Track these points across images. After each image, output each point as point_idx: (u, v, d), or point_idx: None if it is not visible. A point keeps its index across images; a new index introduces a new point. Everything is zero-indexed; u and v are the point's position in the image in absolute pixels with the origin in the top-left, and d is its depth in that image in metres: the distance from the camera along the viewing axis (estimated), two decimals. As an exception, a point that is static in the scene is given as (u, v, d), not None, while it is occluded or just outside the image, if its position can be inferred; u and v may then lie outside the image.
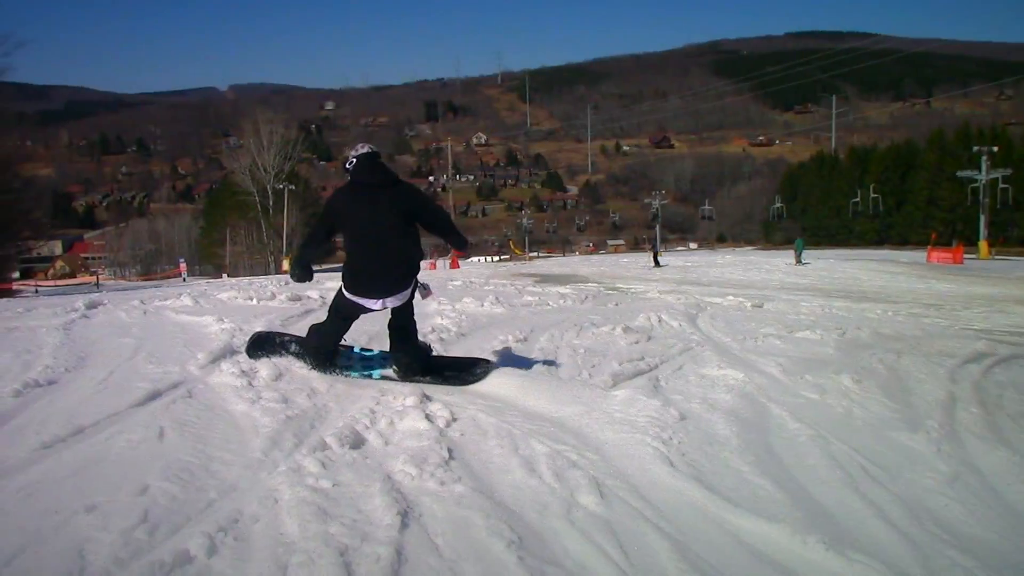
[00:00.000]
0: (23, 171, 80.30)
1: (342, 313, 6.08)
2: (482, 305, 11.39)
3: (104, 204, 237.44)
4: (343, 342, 6.52)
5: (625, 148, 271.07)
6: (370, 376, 6.25)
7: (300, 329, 8.22)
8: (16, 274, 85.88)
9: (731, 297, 15.14)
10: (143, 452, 4.10)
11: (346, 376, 6.13)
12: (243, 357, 6.28)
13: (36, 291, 57.65)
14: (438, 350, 7.27)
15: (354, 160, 5.80)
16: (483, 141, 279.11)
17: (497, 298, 12.10)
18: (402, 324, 6.13)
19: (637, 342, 8.30)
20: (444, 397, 5.47)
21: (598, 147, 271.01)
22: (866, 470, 4.42)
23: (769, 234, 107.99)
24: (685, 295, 15.50)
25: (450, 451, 4.27)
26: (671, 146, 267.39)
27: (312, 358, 6.15)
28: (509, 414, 5.12)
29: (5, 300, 18.61)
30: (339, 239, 5.95)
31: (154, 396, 5.21)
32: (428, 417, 4.80)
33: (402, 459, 4.05)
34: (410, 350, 6.20)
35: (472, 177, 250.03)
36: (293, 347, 6.41)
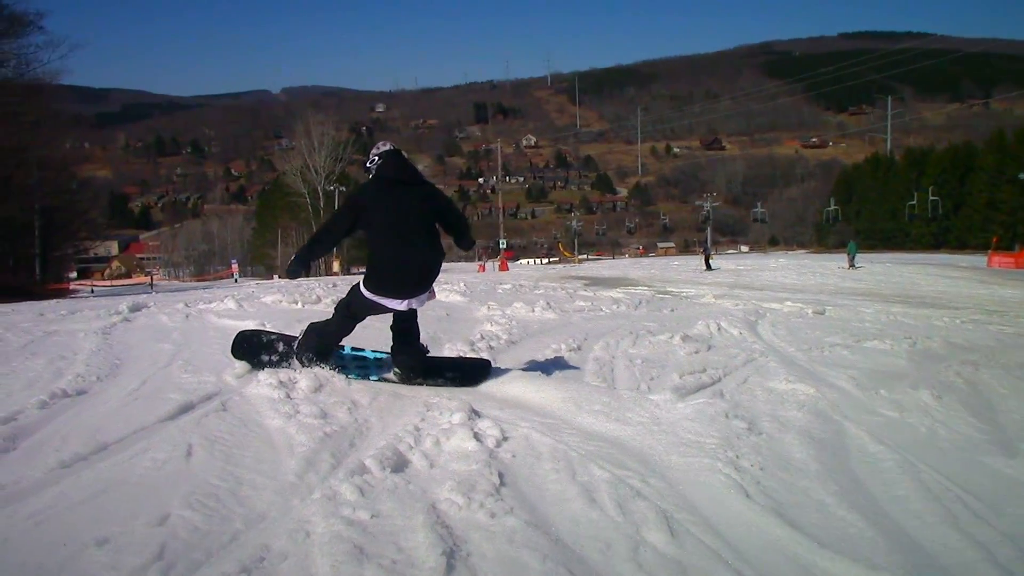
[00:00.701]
0: (80, 172, 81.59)
1: (354, 313, 5.91)
2: (533, 310, 11.01)
3: (159, 205, 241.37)
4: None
5: (675, 150, 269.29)
6: (368, 378, 6.06)
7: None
8: (74, 274, 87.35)
9: (789, 303, 14.58)
10: (168, 473, 3.77)
11: (345, 375, 5.87)
12: (279, 368, 5.97)
13: (92, 291, 58.34)
14: (487, 358, 6.91)
15: (377, 158, 5.73)
16: (532, 143, 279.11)
17: (548, 303, 11.70)
18: (408, 326, 6.06)
19: (697, 352, 7.85)
20: (494, 412, 5.09)
21: (648, 149, 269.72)
22: (965, 503, 3.93)
23: (822, 237, 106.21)
24: (743, 301, 14.96)
25: (501, 476, 3.88)
26: (722, 148, 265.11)
27: (309, 359, 5.92)
28: (564, 432, 4.72)
29: (53, 302, 18.63)
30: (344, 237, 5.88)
31: (186, 409, 4.90)
32: (477, 436, 4.42)
33: (448, 486, 3.67)
34: (414, 352, 6.11)
35: (521, 179, 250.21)
36: (281, 346, 6.21)
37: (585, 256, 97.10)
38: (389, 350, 6.23)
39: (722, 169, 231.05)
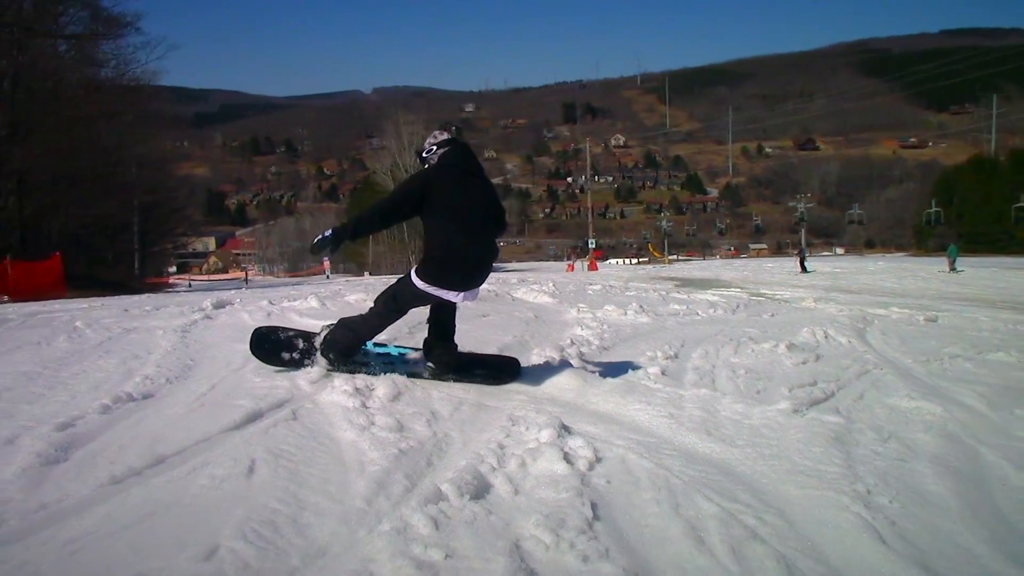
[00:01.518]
0: (179, 170, 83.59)
1: (400, 305, 5.70)
2: (625, 313, 10.50)
3: (254, 202, 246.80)
4: None
5: (767, 150, 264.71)
6: (395, 374, 5.68)
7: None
8: (173, 269, 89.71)
9: (895, 308, 13.75)
10: (225, 494, 3.40)
11: (368, 373, 5.59)
12: (354, 374, 5.61)
13: (189, 285, 59.69)
14: (576, 364, 6.44)
15: (436, 147, 5.57)
16: (621, 143, 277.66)
17: (641, 306, 11.17)
18: (449, 319, 5.98)
19: (805, 362, 7.23)
20: (586, 428, 4.63)
21: (739, 149, 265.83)
22: None
23: (922, 240, 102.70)
24: (845, 305, 14.17)
25: (594, 507, 3.40)
26: (816, 148, 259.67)
27: (338, 355, 5.67)
28: (664, 454, 4.23)
29: (144, 296, 18.75)
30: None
31: (254, 418, 4.54)
32: (567, 457, 3.95)
33: (534, 519, 3.21)
34: (451, 347, 5.96)
35: (610, 179, 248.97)
36: (301, 343, 5.92)
37: (675, 256, 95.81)
38: (422, 344, 6.05)
39: (816, 170, 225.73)
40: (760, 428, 4.81)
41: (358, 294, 12.26)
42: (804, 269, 38.13)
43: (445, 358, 5.87)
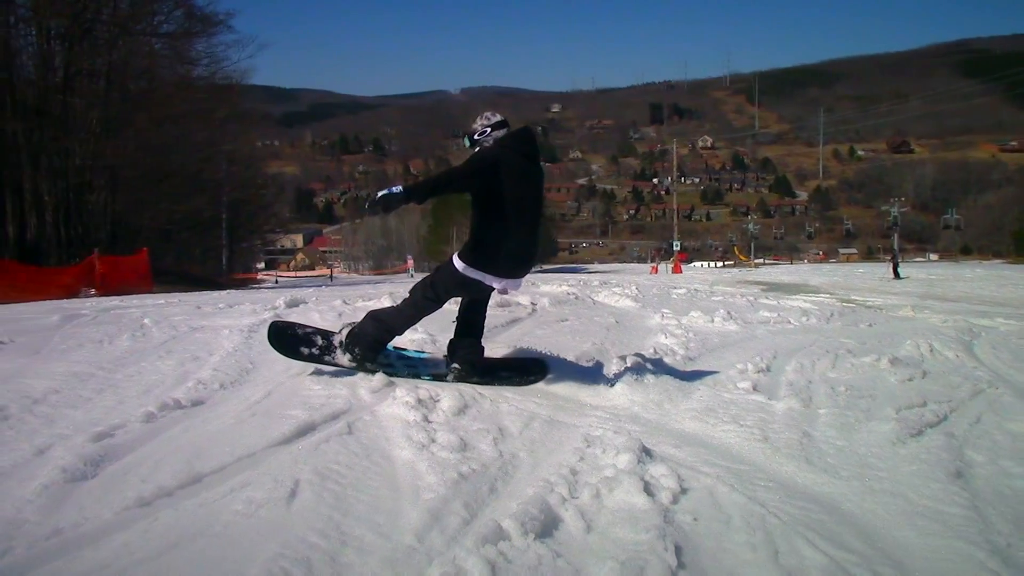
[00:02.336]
0: (269, 168, 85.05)
1: (438, 293, 5.41)
2: (712, 320, 9.93)
3: (342, 201, 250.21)
4: None
5: (860, 152, 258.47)
6: (418, 377, 5.55)
7: (500, 343, 7.13)
8: (262, 265, 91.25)
9: (1001, 319, 12.86)
10: (260, 522, 3.02)
11: (390, 375, 5.33)
12: (421, 382, 5.23)
13: (276, 281, 60.52)
14: (661, 377, 5.96)
15: (490, 128, 5.34)
16: (708, 144, 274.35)
17: (729, 312, 10.57)
18: (477, 316, 5.81)
19: (911, 379, 6.59)
20: (669, 452, 4.17)
21: (830, 151, 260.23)
22: None
23: (1022, 246, 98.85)
24: (946, 315, 13.32)
25: (678, 552, 2.92)
26: (911, 151, 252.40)
27: (365, 351, 5.39)
28: (759, 486, 3.73)
29: (221, 292, 18.74)
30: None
31: (305, 431, 4.17)
32: (648, 487, 3.49)
33: (609, 566, 2.76)
34: (478, 347, 5.73)
35: (697, 180, 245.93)
36: (319, 340, 5.60)
37: (761, 260, 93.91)
38: (447, 346, 5.81)
39: (910, 173, 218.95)
40: (867, 456, 4.28)
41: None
42: (897, 275, 36.74)
43: (472, 357, 5.63)
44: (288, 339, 5.63)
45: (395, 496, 3.38)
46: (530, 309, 10.59)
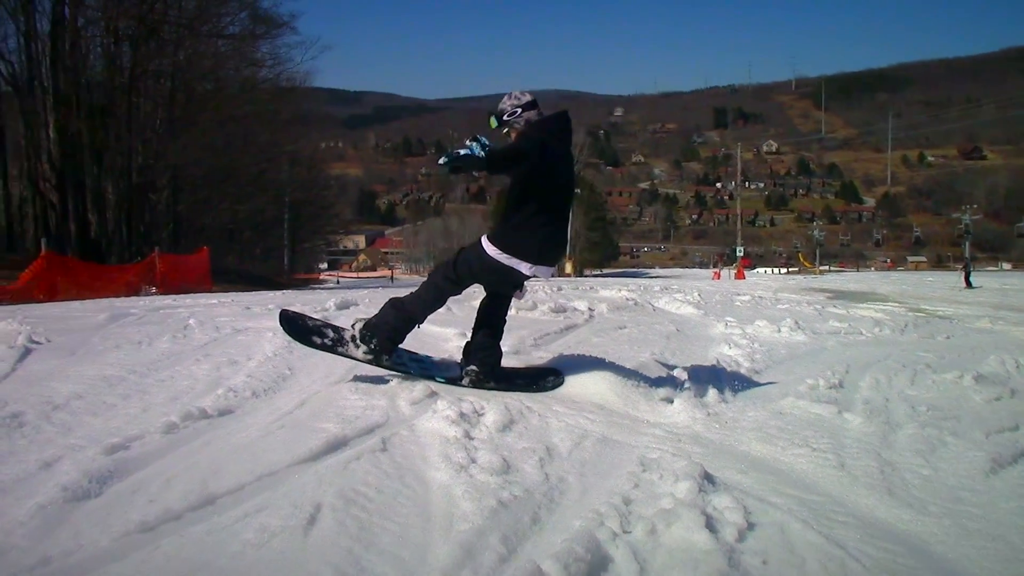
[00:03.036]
0: (332, 170, 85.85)
1: (460, 275, 5.12)
2: (779, 330, 9.42)
3: (404, 203, 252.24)
4: None
5: (930, 159, 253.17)
6: (432, 379, 5.29)
7: (553, 351, 6.76)
8: (324, 265, 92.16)
9: (1087, 333, 12.12)
10: (271, 554, 2.68)
11: (404, 374, 5.23)
12: (465, 393, 4.88)
13: (338, 282, 60.96)
14: (725, 392, 5.54)
15: (522, 109, 5.07)
16: (773, 149, 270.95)
17: (796, 322, 10.04)
18: (499, 314, 5.59)
19: (998, 398, 6.05)
20: (734, 478, 3.75)
21: (899, 157, 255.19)
22: None
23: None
24: (1027, 328, 12.61)
25: (747, 603, 2.53)
26: (983, 157, 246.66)
27: (383, 342, 5.09)
28: (836, 522, 3.30)
29: (276, 292, 18.64)
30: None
31: (336, 446, 3.83)
32: (710, 522, 3.07)
33: (665, 622, 2.38)
34: (497, 351, 5.48)
35: (761, 185, 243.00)
36: (330, 332, 5.33)
37: (827, 267, 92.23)
38: (463, 348, 5.63)
39: (982, 180, 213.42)
40: (957, 489, 3.82)
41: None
42: (969, 284, 35.60)
43: (491, 361, 5.36)
44: (299, 327, 5.36)
45: (426, 526, 3.02)
46: (587, 315, 10.21)
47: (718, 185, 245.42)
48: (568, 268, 65.25)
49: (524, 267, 4.94)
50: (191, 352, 6.43)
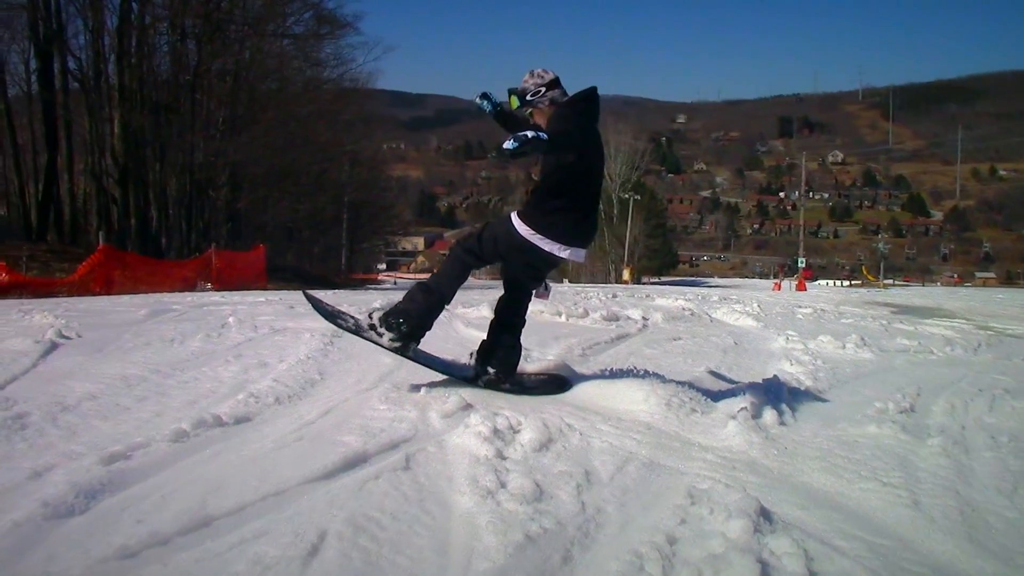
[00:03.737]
0: (392, 171, 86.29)
1: (484, 250, 4.88)
2: (843, 347, 8.90)
3: (464, 205, 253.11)
4: None
5: (1001, 172, 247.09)
6: (451, 375, 5.16)
7: (601, 362, 6.39)
8: (383, 266, 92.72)
9: None
10: (261, 592, 2.36)
11: (425, 366, 5.06)
12: (501, 405, 4.53)
13: (395, 283, 61.10)
14: (785, 415, 5.11)
15: (548, 89, 4.81)
16: (839, 159, 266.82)
17: (862, 338, 9.50)
18: (519, 319, 5.34)
19: (1088, 430, 5.55)
20: (794, 514, 3.34)
21: (969, 170, 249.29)
22: None
23: None
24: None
25: None
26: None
27: (413, 328, 4.84)
28: (910, 572, 2.89)
29: (324, 292, 18.46)
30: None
31: (355, 463, 3.51)
32: (766, 570, 2.69)
33: None
34: (518, 350, 5.27)
35: (825, 196, 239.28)
36: (350, 319, 5.13)
37: (891, 281, 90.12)
38: (478, 348, 5.31)
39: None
40: (1050, 537, 3.37)
41: (535, 304, 11.15)
42: (1043, 302, 34.40)
43: (512, 360, 5.19)
44: (325, 310, 5.22)
45: (441, 562, 2.67)
46: (641, 325, 9.81)
47: (781, 195, 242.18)
48: (626, 275, 64.60)
49: (557, 248, 4.73)
50: (223, 352, 6.18)
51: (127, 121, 31.64)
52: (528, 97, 4.83)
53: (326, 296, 14.30)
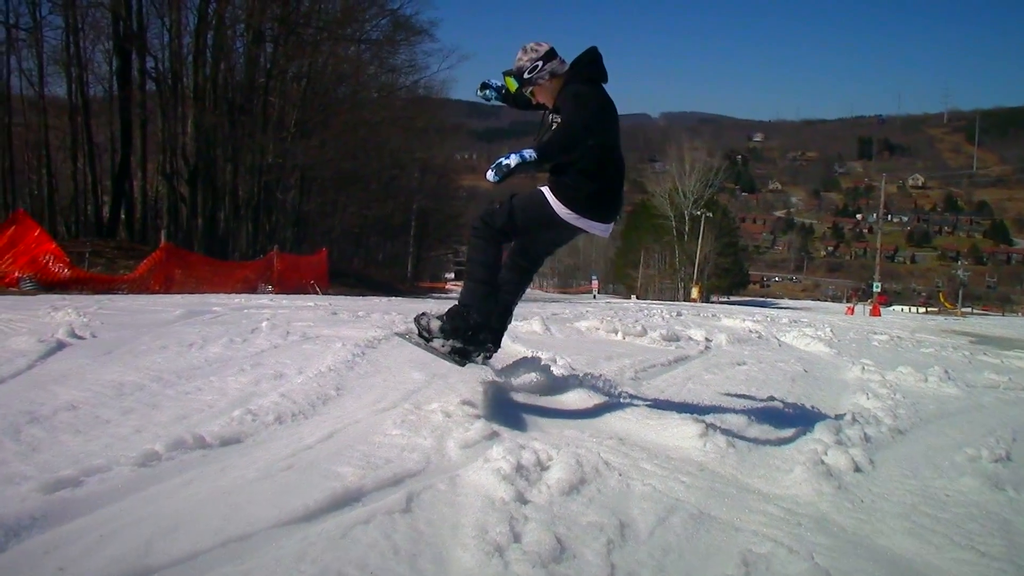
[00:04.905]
0: (464, 181, 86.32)
1: (516, 226, 4.47)
2: (925, 380, 8.10)
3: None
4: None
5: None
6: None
7: (654, 388, 5.79)
8: (451, 275, 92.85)
9: None
10: None
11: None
12: (533, 436, 3.98)
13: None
14: (861, 460, 4.43)
15: (545, 61, 4.42)
16: (919, 183, 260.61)
17: (946, 371, 8.69)
18: (520, 286, 4.88)
19: None
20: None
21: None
22: None
23: None
24: None
25: None
26: None
27: (478, 326, 4.44)
28: None
29: (378, 299, 18.14)
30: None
31: (345, 502, 2.96)
32: None
33: None
34: (508, 319, 4.85)
35: (904, 220, 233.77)
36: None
37: (969, 309, 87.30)
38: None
39: None
40: None
41: (590, 321, 10.53)
42: None
43: (501, 327, 4.71)
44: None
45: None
46: (703, 346, 9.15)
47: (858, 217, 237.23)
48: (694, 293, 63.46)
49: (598, 228, 4.51)
50: (241, 360, 5.70)
51: (199, 121, 31.81)
52: (526, 76, 4.45)
53: (379, 303, 13.87)
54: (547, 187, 4.44)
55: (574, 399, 5.01)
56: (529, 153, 3.87)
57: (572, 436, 4.17)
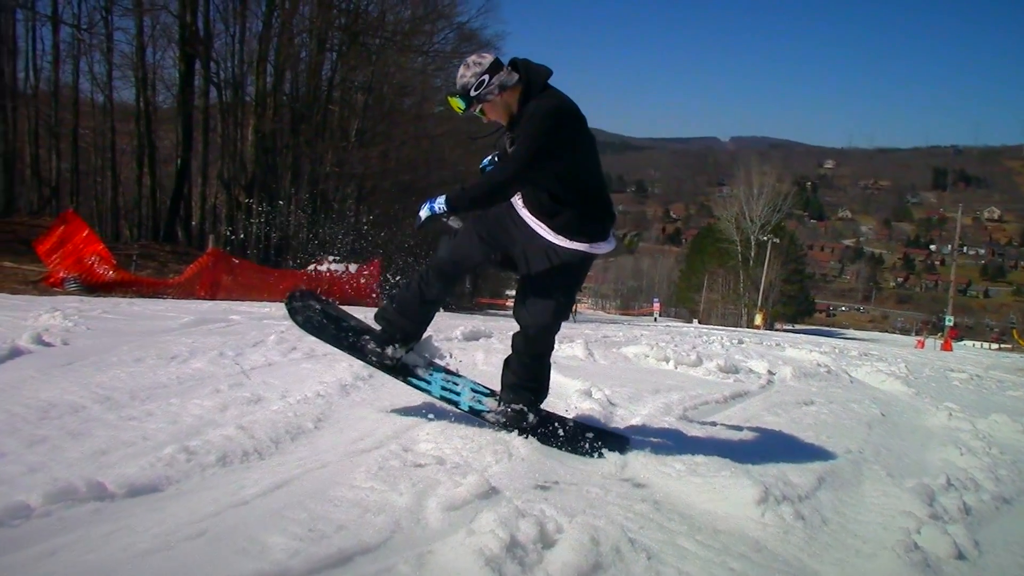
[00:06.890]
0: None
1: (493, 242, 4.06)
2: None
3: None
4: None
5: None
6: (456, 405, 4.24)
7: (705, 432, 4.90)
8: (512, 291, 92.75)
9: None
10: None
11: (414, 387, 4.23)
12: (542, 496, 3.10)
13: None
14: (961, 538, 3.47)
15: (491, 75, 3.86)
16: (996, 216, 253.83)
17: (1045, 420, 7.58)
18: (546, 349, 4.22)
19: None
20: None
21: None
22: None
23: None
24: None
25: None
26: None
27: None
28: None
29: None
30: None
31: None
32: None
33: None
34: (545, 382, 4.27)
35: (979, 252, 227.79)
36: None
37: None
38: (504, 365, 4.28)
39: None
40: None
41: (639, 347, 9.60)
42: None
43: (531, 396, 4.15)
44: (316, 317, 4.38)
45: None
46: (765, 380, 8.18)
47: (931, 248, 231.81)
48: (758, 319, 61.74)
49: (604, 247, 4.12)
50: (221, 378, 4.92)
51: (260, 128, 31.66)
52: (472, 93, 3.90)
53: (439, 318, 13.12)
54: (543, 228, 3.97)
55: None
56: (441, 201, 3.75)
57: (594, 497, 3.29)
